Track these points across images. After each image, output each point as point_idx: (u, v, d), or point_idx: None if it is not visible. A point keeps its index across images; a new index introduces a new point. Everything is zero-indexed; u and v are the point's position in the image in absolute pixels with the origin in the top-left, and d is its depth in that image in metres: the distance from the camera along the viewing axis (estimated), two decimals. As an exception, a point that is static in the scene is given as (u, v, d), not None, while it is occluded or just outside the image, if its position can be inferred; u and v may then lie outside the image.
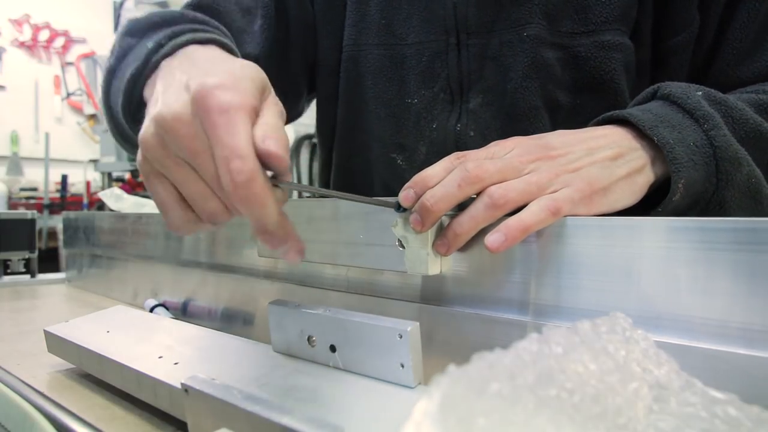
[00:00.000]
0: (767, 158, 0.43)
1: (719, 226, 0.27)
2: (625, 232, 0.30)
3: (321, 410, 0.30)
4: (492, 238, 0.32)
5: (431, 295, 0.39)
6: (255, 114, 0.30)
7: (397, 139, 0.62)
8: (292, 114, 0.75)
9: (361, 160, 0.68)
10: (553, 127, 0.56)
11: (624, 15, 0.53)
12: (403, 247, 0.38)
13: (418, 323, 0.33)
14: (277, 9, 0.64)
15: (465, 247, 0.37)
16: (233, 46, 0.45)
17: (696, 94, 0.41)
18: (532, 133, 0.42)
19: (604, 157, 0.37)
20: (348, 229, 0.41)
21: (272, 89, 0.34)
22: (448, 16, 0.57)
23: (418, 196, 0.35)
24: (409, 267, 0.37)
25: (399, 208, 0.36)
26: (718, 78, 0.55)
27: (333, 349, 0.36)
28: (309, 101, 0.76)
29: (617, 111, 0.42)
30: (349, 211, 0.41)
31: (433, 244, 0.36)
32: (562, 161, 0.36)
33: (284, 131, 0.31)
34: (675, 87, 0.42)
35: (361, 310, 0.38)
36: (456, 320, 0.37)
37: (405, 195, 0.36)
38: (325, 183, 0.75)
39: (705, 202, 0.40)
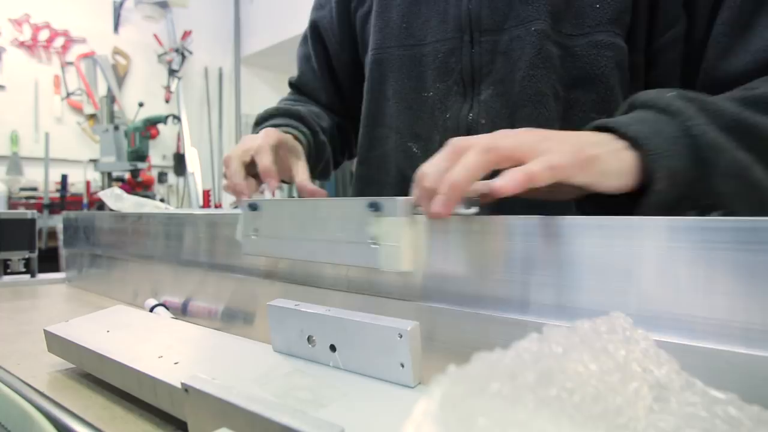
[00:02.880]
0: (759, 146, 0.43)
1: (720, 226, 0.27)
2: (625, 232, 0.30)
3: (321, 410, 0.30)
4: (498, 182, 0.34)
5: (431, 295, 0.39)
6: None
7: (413, 129, 0.69)
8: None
9: (380, 152, 0.74)
10: (556, 115, 0.58)
11: (617, 19, 0.57)
12: (377, 244, 0.39)
13: (418, 323, 0.33)
14: (324, 62, 0.84)
15: (465, 248, 0.37)
16: (294, 132, 0.71)
17: (667, 95, 0.43)
18: (539, 119, 0.47)
19: (590, 140, 0.40)
20: (327, 228, 0.43)
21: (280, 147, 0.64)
22: (463, 17, 0.63)
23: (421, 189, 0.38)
24: (383, 264, 0.38)
25: (372, 207, 0.38)
26: (709, 74, 0.55)
27: (333, 348, 0.36)
28: None
29: (597, 121, 0.44)
30: (329, 211, 0.43)
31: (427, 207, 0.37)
32: (554, 136, 0.39)
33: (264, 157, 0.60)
34: (645, 94, 0.45)
35: (361, 310, 0.38)
36: (456, 320, 0.37)
37: (415, 195, 0.39)
38: (356, 178, 0.81)
39: (696, 195, 0.41)
